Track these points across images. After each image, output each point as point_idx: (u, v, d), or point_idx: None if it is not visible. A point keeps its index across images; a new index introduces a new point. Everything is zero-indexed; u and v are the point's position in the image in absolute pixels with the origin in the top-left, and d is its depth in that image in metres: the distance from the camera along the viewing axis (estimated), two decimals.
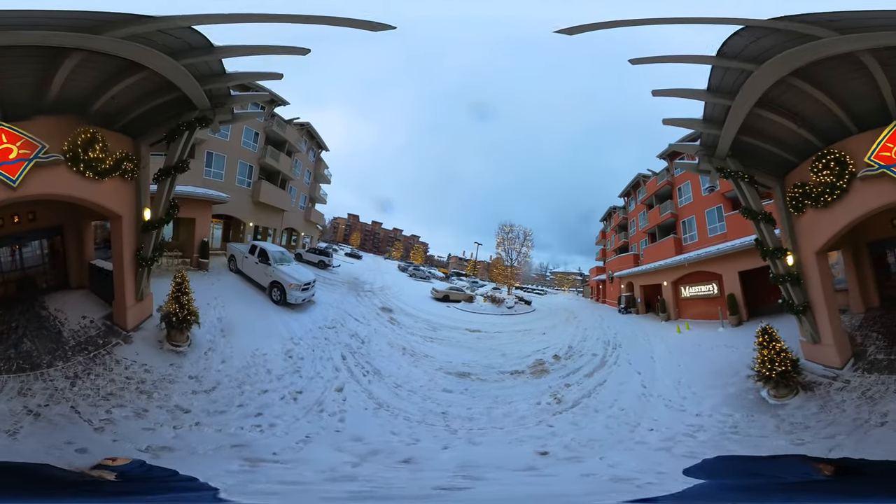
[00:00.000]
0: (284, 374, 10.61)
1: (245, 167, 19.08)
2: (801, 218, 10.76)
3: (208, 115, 10.95)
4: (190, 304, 10.92)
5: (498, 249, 24.11)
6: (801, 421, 8.58)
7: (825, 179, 10.09)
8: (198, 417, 8.57)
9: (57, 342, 10.03)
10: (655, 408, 9.96)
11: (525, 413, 9.92)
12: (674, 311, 17.54)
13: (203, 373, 9.97)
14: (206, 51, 9.32)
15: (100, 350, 10.09)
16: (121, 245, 11.11)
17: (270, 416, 9.00)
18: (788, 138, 10.46)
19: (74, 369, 9.27)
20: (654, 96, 9.58)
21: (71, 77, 9.02)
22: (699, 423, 8.89)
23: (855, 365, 10.00)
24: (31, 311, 10.96)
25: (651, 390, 10.88)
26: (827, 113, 9.67)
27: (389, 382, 10.99)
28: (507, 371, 12.59)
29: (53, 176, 9.74)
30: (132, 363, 9.77)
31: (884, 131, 9.37)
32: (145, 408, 8.56)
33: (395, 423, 9.28)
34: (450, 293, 21.91)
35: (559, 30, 7.60)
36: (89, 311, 11.22)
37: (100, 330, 10.75)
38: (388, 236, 41.58)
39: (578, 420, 9.62)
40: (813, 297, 10.61)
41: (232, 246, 17.14)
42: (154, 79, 9.75)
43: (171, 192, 11.43)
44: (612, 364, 13.23)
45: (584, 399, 10.72)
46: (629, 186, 23.14)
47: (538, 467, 7.47)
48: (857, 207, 9.86)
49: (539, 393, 11.05)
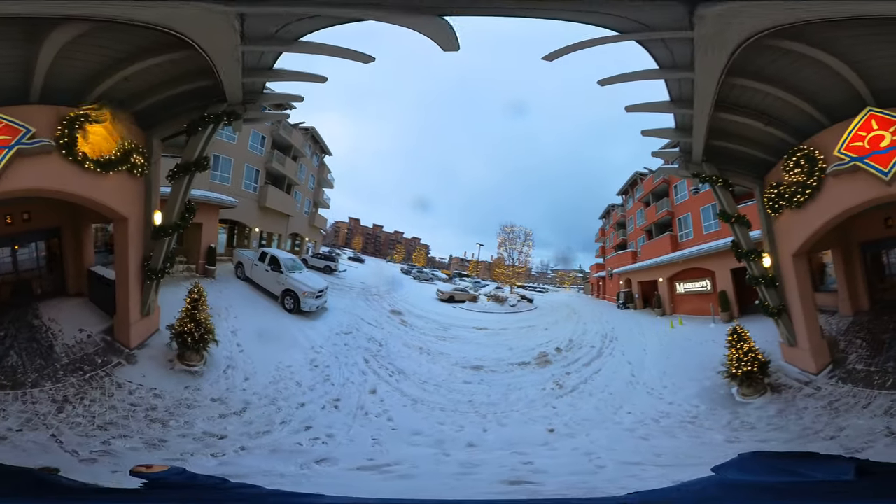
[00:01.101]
0: (315, 384, 10.37)
1: (252, 171, 18.84)
2: (779, 219, 10.34)
3: (238, 110, 9.69)
4: (207, 322, 9.82)
5: (500, 250, 24.60)
6: (753, 421, 8.75)
7: (796, 178, 9.59)
8: (239, 441, 7.88)
9: (47, 358, 8.79)
10: (639, 394, 10.91)
11: (534, 397, 11.06)
12: (669, 307, 17.95)
13: (227, 394, 9.14)
14: (271, 40, 8.22)
15: (97, 371, 8.78)
16: (126, 253, 9.63)
17: (322, 427, 8.75)
18: (762, 138, 10.19)
19: (64, 392, 8.00)
20: (628, 112, 9.74)
21: (72, 54, 7.82)
22: (667, 411, 9.75)
23: (832, 372, 9.63)
24: (23, 320, 9.84)
25: (638, 379, 11.80)
26: (794, 108, 9.25)
27: (415, 380, 11.62)
28: (515, 363, 13.65)
29: (43, 167, 8.18)
30: (138, 387, 8.65)
31: (854, 120, 8.65)
32: (162, 437, 7.53)
33: (436, 414, 9.94)
34: (455, 294, 22.53)
35: (545, 56, 8.09)
36: (87, 322, 10.04)
37: (98, 347, 9.44)
38: (390, 239, 42.00)
39: (576, 402, 10.78)
40: (789, 300, 10.28)
41: (239, 252, 16.62)
42: (185, 62, 8.59)
43: (188, 193, 10.17)
44: (607, 355, 14.17)
45: (582, 385, 11.83)
46: (627, 184, 23.48)
47: (549, 442, 8.75)
48: (831, 207, 9.20)
49: (544, 380, 12.20)
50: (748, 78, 8.75)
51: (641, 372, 12.13)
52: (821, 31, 7.51)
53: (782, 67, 8.47)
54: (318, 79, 9.35)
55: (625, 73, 8.64)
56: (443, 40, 7.36)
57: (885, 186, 8.35)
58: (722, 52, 7.65)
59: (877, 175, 8.42)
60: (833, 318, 11.61)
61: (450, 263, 32.91)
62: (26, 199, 10.15)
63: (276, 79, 9.45)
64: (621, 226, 24.27)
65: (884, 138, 8.38)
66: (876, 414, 7.88)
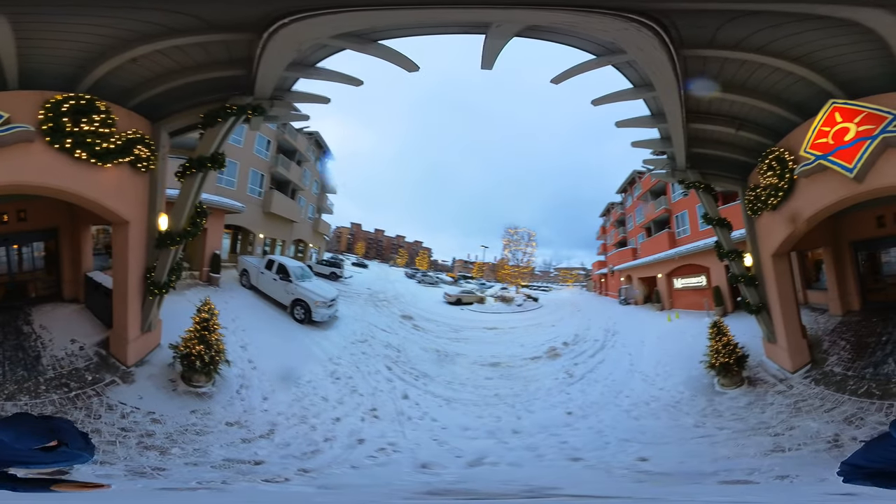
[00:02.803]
0: (343, 396, 10.13)
1: (257, 175, 18.56)
2: (759, 220, 10.46)
3: (264, 105, 8.89)
4: (219, 343, 8.93)
5: (504, 251, 25.13)
6: (722, 410, 9.26)
7: (770, 181, 9.47)
8: (291, 464, 7.27)
9: (31, 369, 7.97)
10: (636, 381, 11.89)
11: (550, 387, 12.17)
12: (667, 302, 18.55)
13: (245, 416, 8.39)
14: (352, 36, 7.65)
15: (85, 388, 7.86)
16: (125, 262, 8.55)
17: (374, 437, 8.58)
18: (740, 142, 10.30)
19: (41, 410, 7.12)
20: (619, 127, 10.36)
21: (58, 34, 6.85)
22: (657, 395, 10.69)
23: (808, 372, 9.64)
24: (13, 324, 9.12)
25: (636, 367, 12.78)
26: (761, 110, 9.11)
27: (441, 381, 12.12)
28: (528, 357, 14.68)
29: (23, 159, 7.06)
30: (133, 410, 7.68)
31: (818, 115, 8.09)
32: (159, 465, 6.59)
33: (471, 409, 10.54)
34: (462, 296, 23.15)
35: (553, 79, 8.85)
36: (80, 333, 9.22)
37: (90, 361, 8.54)
38: (392, 243, 42.39)
39: (585, 388, 11.91)
40: (769, 298, 10.42)
41: (245, 260, 16.03)
42: (215, 48, 7.78)
43: (199, 194, 9.18)
44: (609, 347, 15.21)
45: (589, 374, 12.94)
46: (625, 182, 23.99)
47: (570, 423, 9.88)
48: (805, 208, 8.94)
49: (556, 371, 13.34)
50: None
51: (639, 362, 13.10)
52: (759, 37, 7.21)
53: (733, 74, 8.35)
54: (354, 81, 8.76)
55: (612, 92, 9.25)
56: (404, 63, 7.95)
57: (855, 184, 7.74)
58: (665, 71, 7.93)
59: (842, 173, 7.81)
60: (822, 317, 11.73)
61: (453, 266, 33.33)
62: (22, 197, 9.37)
63: (314, 76, 8.77)
64: (621, 223, 24.73)
65: (848, 131, 7.75)
66: (834, 419, 7.89)
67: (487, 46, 7.67)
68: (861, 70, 7.56)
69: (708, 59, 7.95)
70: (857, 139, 7.61)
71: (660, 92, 8.66)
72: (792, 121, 9.09)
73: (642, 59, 7.83)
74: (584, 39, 7.91)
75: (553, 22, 7.28)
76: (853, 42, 7.01)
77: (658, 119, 9.87)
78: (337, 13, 6.90)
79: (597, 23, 7.06)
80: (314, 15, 6.90)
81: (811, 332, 10.77)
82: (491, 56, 7.89)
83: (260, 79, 8.47)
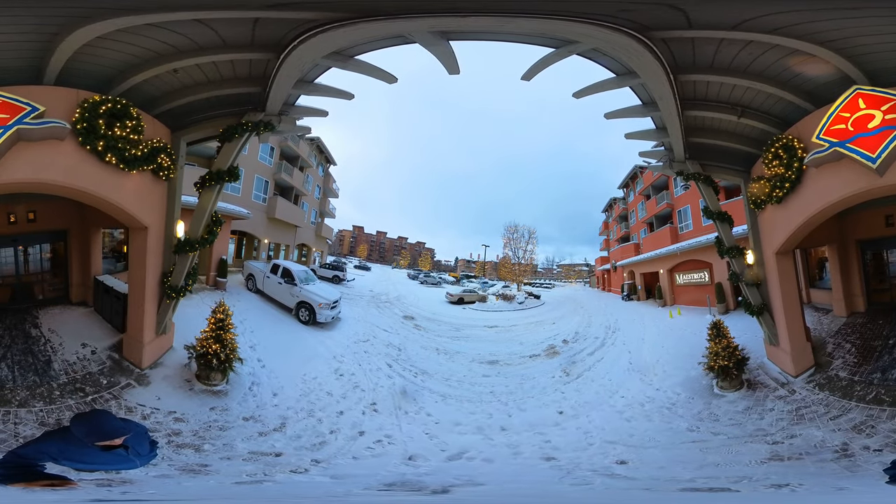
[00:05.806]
0: (346, 392, 10.52)
1: (261, 182, 19.02)
2: (762, 215, 9.78)
3: (273, 121, 9.50)
4: (233, 343, 9.43)
5: (505, 249, 25.14)
6: (719, 414, 8.92)
7: (776, 171, 8.73)
8: (304, 455, 7.59)
9: (42, 374, 7.91)
10: (633, 380, 11.63)
11: (545, 385, 12.06)
12: (669, 298, 18.36)
13: (258, 411, 8.83)
14: (337, 55, 8.01)
15: (101, 392, 7.89)
16: (143, 266, 8.79)
17: (374, 430, 8.91)
18: (742, 130, 9.65)
19: (58, 415, 7.09)
20: (608, 119, 9.93)
21: (106, 43, 6.95)
22: (653, 396, 10.39)
23: (812, 376, 9.11)
24: (20, 327, 9.07)
25: (635, 366, 12.54)
26: (769, 96, 8.41)
27: (438, 378, 12.25)
28: (527, 355, 14.61)
29: (53, 157, 6.92)
30: (153, 411, 7.88)
31: (837, 101, 7.35)
32: (204, 463, 6.81)
33: (465, 406, 10.65)
34: (464, 296, 23.14)
35: (575, 93, 8.89)
36: (91, 336, 9.25)
37: (104, 365, 8.58)
38: (394, 245, 42.53)
39: (580, 388, 11.75)
40: (772, 299, 9.86)
41: (250, 264, 16.41)
42: (242, 64, 8.27)
43: (216, 204, 9.80)
44: (609, 345, 14.99)
45: (586, 372, 12.75)
46: (627, 178, 23.81)
47: (559, 423, 9.79)
48: (813, 201, 8.19)
49: (552, 369, 13.19)
50: (701, 73, 8.18)
51: (638, 360, 12.89)
52: (781, 18, 6.53)
53: (734, 56, 7.59)
54: (346, 95, 9.39)
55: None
56: (449, 64, 8.06)
57: (875, 176, 6.92)
58: (644, 56, 7.44)
59: (862, 162, 6.98)
60: (826, 318, 11.20)
61: (456, 265, 33.39)
62: (32, 196, 9.23)
63: (313, 92, 9.34)
64: (623, 219, 24.58)
65: (873, 118, 6.94)
66: (841, 428, 7.41)
67: (443, 53, 7.78)
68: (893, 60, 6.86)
69: (704, 39, 7.21)
70: (883, 127, 6.83)
71: (645, 78, 8.15)
72: (802, 108, 8.34)
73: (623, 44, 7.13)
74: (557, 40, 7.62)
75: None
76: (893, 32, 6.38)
77: (649, 107, 9.30)
78: (341, 27, 7.15)
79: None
80: (324, 30, 7.24)
81: (814, 334, 10.34)
82: (452, 62, 7.99)
83: (272, 96, 8.97)
